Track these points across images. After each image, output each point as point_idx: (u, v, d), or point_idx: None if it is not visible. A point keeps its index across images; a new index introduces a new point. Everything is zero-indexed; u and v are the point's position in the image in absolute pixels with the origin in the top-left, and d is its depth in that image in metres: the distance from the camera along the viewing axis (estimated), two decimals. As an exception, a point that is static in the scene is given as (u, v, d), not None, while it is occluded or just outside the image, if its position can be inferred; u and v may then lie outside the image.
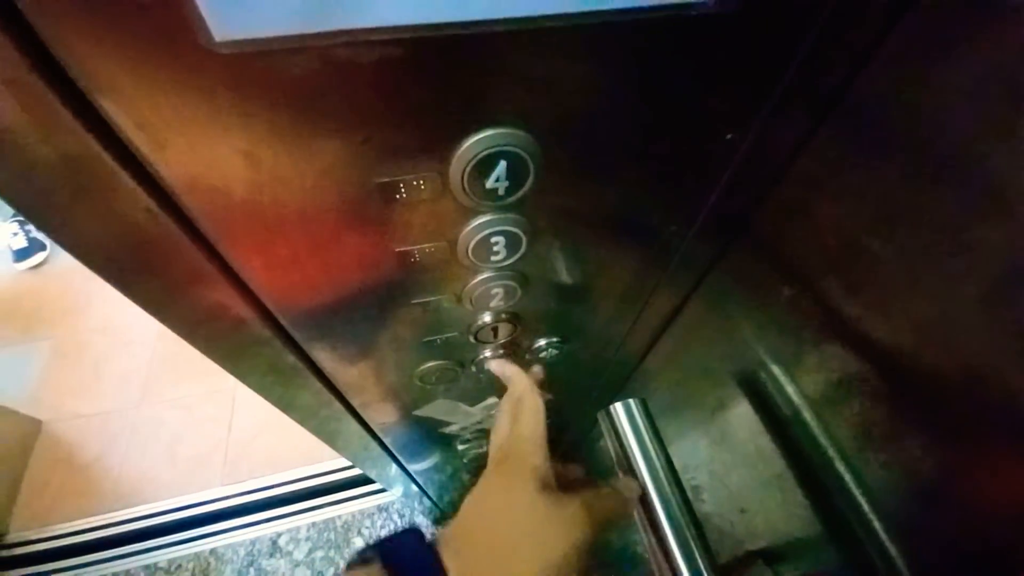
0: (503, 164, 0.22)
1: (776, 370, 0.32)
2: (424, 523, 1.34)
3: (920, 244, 0.22)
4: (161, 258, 0.23)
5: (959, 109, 0.19)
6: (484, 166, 0.22)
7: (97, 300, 1.80)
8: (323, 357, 0.36)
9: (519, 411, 0.38)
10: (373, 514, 1.36)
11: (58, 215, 0.20)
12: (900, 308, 0.23)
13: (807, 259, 0.28)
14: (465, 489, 0.40)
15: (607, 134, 0.23)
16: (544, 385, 0.43)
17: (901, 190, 0.22)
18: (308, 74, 0.17)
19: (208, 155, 0.19)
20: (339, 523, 1.35)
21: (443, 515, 1.15)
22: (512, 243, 0.27)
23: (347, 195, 0.23)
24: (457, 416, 0.56)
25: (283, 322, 0.30)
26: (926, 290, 0.22)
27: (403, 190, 0.23)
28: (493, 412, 0.47)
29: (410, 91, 0.19)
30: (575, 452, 0.86)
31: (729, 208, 0.30)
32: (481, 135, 0.21)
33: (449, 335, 0.37)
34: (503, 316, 0.36)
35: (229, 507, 1.39)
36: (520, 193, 0.24)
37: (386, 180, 0.22)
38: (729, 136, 0.25)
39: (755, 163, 0.27)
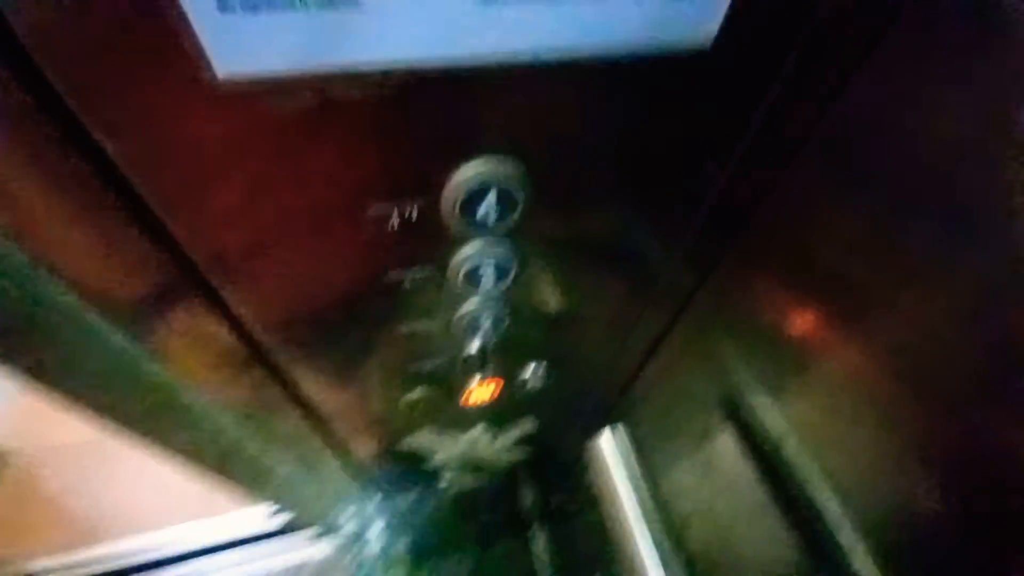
0: (493, 193, 0.23)
1: (762, 394, 0.33)
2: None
3: (900, 269, 0.23)
4: (150, 287, 0.23)
5: (935, 137, 0.20)
6: (475, 195, 0.23)
7: (73, 326, 1.75)
8: (308, 385, 0.35)
9: None
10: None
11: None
12: (883, 331, 0.24)
13: (789, 283, 0.29)
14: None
15: (594, 164, 0.24)
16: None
17: (880, 217, 0.23)
18: (306, 109, 0.17)
19: (204, 185, 0.19)
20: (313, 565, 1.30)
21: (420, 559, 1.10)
22: (501, 270, 0.28)
23: (341, 224, 0.23)
24: (442, 446, 0.55)
25: (267, 348, 0.30)
26: (907, 313, 0.23)
27: (395, 219, 0.23)
28: (478, 443, 0.47)
29: (404, 124, 0.20)
30: (562, 481, 0.85)
31: (712, 235, 0.31)
32: (472, 165, 0.22)
33: (437, 362, 0.37)
34: (491, 343, 0.36)
35: (209, 544, 1.33)
36: (510, 222, 0.24)
37: (380, 209, 0.23)
38: (711, 166, 0.26)
39: (736, 191, 0.28)
